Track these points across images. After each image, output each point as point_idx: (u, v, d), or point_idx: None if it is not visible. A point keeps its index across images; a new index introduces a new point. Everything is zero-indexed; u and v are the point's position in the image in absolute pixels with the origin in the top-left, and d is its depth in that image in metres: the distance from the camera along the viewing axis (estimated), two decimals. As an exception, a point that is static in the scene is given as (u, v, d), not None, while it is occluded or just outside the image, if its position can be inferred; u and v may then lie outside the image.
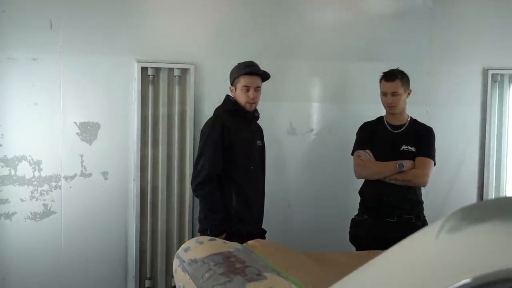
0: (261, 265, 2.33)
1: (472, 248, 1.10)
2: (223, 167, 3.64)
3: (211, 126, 3.70)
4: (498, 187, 5.19)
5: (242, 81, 3.71)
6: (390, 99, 3.87)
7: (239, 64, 3.80)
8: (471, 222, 1.14)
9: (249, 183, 3.74)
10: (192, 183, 3.71)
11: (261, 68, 3.83)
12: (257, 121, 3.97)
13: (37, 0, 4.09)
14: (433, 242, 1.17)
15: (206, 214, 3.65)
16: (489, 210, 1.26)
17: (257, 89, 3.74)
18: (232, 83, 3.79)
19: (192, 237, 4.31)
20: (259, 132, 3.96)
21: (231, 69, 3.83)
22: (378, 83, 3.99)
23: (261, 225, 3.88)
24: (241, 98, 3.72)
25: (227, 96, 3.86)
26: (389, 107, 3.92)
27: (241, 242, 3.38)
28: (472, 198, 5.12)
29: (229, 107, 3.78)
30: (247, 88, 3.69)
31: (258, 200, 3.83)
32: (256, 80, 3.74)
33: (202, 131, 3.80)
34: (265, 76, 3.80)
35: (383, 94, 3.92)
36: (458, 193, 5.06)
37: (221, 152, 3.62)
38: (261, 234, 3.80)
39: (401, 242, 1.40)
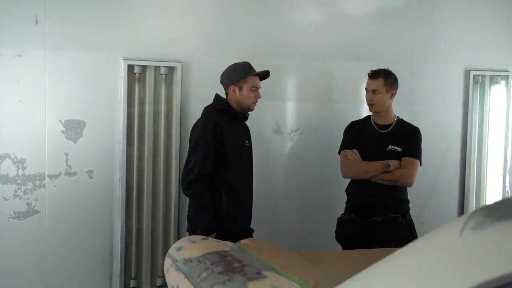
0: (258, 264, 2.32)
1: (497, 245, 1.11)
2: (214, 167, 3.62)
3: (203, 125, 3.68)
4: (479, 187, 5.25)
5: (251, 81, 3.73)
6: (370, 96, 3.92)
7: (237, 64, 3.79)
8: (495, 220, 1.14)
9: (239, 182, 3.73)
10: (182, 181, 3.68)
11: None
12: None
13: (22, -5, 4.03)
14: (457, 239, 1.17)
15: (196, 213, 3.62)
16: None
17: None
18: (235, 83, 3.74)
19: (178, 236, 4.30)
20: (247, 132, 3.96)
21: (228, 69, 3.81)
22: (364, 84, 4.02)
23: (250, 224, 3.87)
24: (248, 98, 3.73)
25: (217, 95, 3.85)
26: (368, 104, 3.97)
27: (232, 242, 3.41)
28: (454, 198, 5.19)
29: (220, 106, 3.78)
30: (255, 89, 3.75)
31: (247, 200, 3.82)
32: (258, 80, 3.81)
33: (193, 130, 3.77)
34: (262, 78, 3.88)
35: (366, 90, 3.97)
36: (439, 192, 5.12)
37: (212, 152, 3.60)
38: (250, 233, 3.79)
39: (420, 239, 1.41)
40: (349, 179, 4.07)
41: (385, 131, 3.98)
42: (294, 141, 4.74)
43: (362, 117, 4.23)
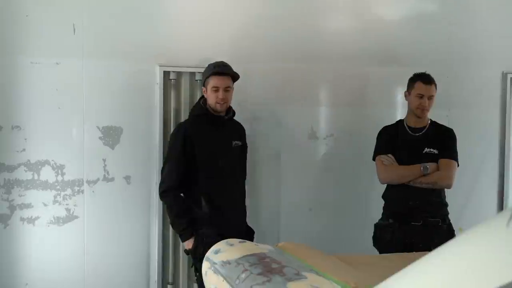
0: (297, 266, 2.31)
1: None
2: (189, 173, 3.69)
3: (175, 135, 3.78)
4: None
5: (212, 81, 3.70)
6: (426, 102, 3.86)
7: (209, 64, 3.80)
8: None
9: (215, 187, 3.72)
10: (158, 190, 3.79)
11: (286, 72, 3.84)
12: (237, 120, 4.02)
13: (60, 4, 4.12)
14: (503, 231, 1.16)
15: (173, 221, 3.73)
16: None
17: (227, 89, 3.73)
18: (204, 85, 3.78)
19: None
20: (237, 131, 3.95)
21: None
22: (399, 87, 3.98)
23: (241, 226, 3.85)
24: (211, 98, 3.71)
25: (199, 99, 3.90)
26: (421, 109, 3.89)
27: (211, 244, 3.48)
28: (492, 201, 5.11)
29: (197, 112, 3.82)
30: (216, 89, 3.69)
31: (230, 202, 3.78)
32: (226, 80, 3.72)
33: (170, 137, 3.89)
34: (234, 76, 3.80)
35: (419, 96, 3.88)
36: (478, 196, 5.04)
37: (183, 161, 3.67)
38: (246, 234, 3.74)
39: (465, 233, 1.39)
40: (385, 184, 4.03)
41: (419, 134, 3.94)
42: (329, 146, 4.72)
43: (394, 122, 4.18)
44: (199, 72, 4.31)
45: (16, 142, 4.08)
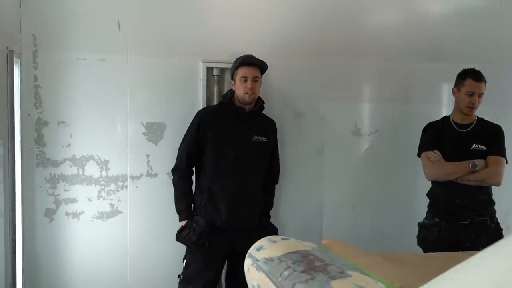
0: (341, 264, 2.28)
1: None
2: (200, 158, 3.76)
3: (194, 119, 3.83)
4: None
5: (240, 72, 3.75)
6: (476, 99, 3.77)
7: (236, 58, 3.85)
8: None
9: (220, 178, 3.73)
10: None
11: (330, 68, 3.81)
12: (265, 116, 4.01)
13: (106, 1, 4.16)
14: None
15: (175, 200, 3.81)
16: None
17: (255, 79, 3.75)
18: (232, 78, 3.83)
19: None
20: (264, 127, 3.91)
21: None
22: (446, 84, 3.89)
23: (246, 223, 3.77)
24: (239, 89, 3.75)
25: (228, 91, 3.92)
26: (470, 107, 3.80)
27: (202, 235, 3.61)
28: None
29: (222, 100, 3.88)
30: (244, 79, 3.72)
31: (233, 197, 3.73)
32: (254, 70, 3.76)
33: None
34: (262, 67, 3.82)
35: (470, 93, 3.78)
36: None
37: (194, 146, 3.75)
38: (257, 233, 3.56)
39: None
40: (430, 182, 3.96)
41: (466, 130, 3.86)
42: (373, 143, 4.65)
43: (439, 118, 4.10)
44: (242, 69, 4.31)
45: (61, 137, 4.14)
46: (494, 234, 3.68)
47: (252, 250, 2.78)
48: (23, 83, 4.07)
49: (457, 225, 3.73)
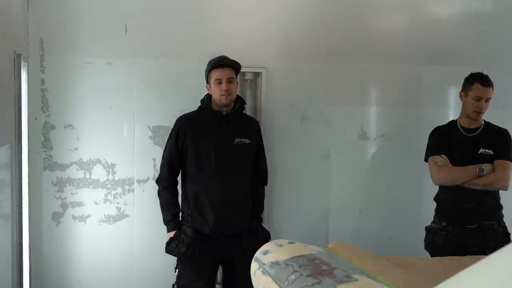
0: (348, 268, 2.27)
1: None
2: (183, 166, 3.69)
3: (172, 128, 3.76)
4: None
5: (214, 75, 3.63)
6: (484, 104, 3.75)
7: (209, 60, 3.73)
8: None
9: (203, 184, 3.64)
10: None
11: (336, 71, 3.78)
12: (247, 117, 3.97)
13: (112, 5, 4.19)
14: None
15: (161, 210, 3.73)
16: None
17: (230, 80, 3.63)
18: (207, 81, 3.71)
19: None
20: (246, 128, 3.79)
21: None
22: (453, 88, 3.88)
23: (233, 228, 3.69)
24: (215, 92, 3.63)
25: (205, 95, 3.80)
26: (477, 112, 3.78)
27: (191, 245, 3.54)
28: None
29: (200, 106, 3.76)
30: (219, 81, 3.60)
31: (218, 202, 3.63)
32: (228, 72, 3.63)
33: None
34: (236, 68, 3.71)
35: (477, 98, 3.76)
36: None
37: (175, 154, 3.68)
38: (247, 237, 3.65)
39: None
40: (437, 186, 3.94)
41: (473, 134, 3.84)
42: (379, 147, 4.64)
43: (446, 122, 4.08)
44: (249, 72, 4.32)
45: (68, 141, 4.16)
46: (501, 238, 3.66)
47: (258, 254, 2.77)
48: (30, 87, 4.09)
49: (465, 229, 3.71)
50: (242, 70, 4.28)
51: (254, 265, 2.74)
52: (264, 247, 2.83)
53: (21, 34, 4.02)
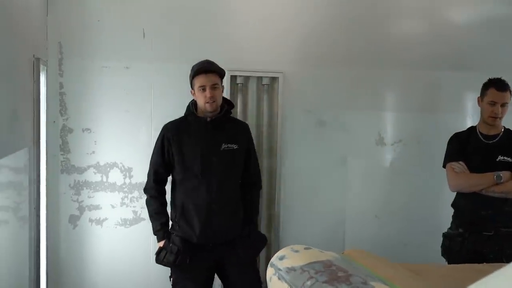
0: (364, 274, 2.26)
1: None
2: (170, 174, 3.60)
3: (158, 136, 3.62)
4: None
5: (197, 81, 3.47)
6: (499, 109, 3.71)
7: (193, 66, 3.58)
8: None
9: (189, 192, 3.52)
10: None
11: (351, 76, 3.75)
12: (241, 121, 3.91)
13: (131, 9, 4.21)
14: None
15: (150, 222, 3.62)
16: None
17: (214, 86, 3.45)
18: (191, 87, 3.56)
19: (279, 245, 4.28)
20: (233, 133, 3.62)
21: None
22: (471, 93, 3.85)
23: (222, 236, 3.55)
24: (199, 98, 3.48)
25: (191, 101, 3.66)
26: (493, 117, 3.74)
27: (179, 254, 3.43)
28: None
29: (185, 112, 3.62)
30: (203, 88, 3.44)
31: (207, 210, 3.49)
32: (212, 78, 3.45)
33: None
34: (221, 73, 3.55)
35: (492, 103, 3.72)
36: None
37: (161, 163, 3.55)
38: (239, 244, 3.56)
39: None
40: (455, 193, 3.91)
41: (492, 141, 3.80)
42: (397, 153, 4.62)
43: (465, 128, 4.05)
44: (265, 77, 4.32)
45: (86, 144, 4.19)
46: (519, 245, 3.64)
47: (274, 259, 2.78)
48: (49, 91, 4.12)
49: (481, 236, 3.68)
50: (260, 75, 4.32)
51: (270, 271, 2.74)
52: (280, 253, 2.83)
53: (40, 39, 4.06)
